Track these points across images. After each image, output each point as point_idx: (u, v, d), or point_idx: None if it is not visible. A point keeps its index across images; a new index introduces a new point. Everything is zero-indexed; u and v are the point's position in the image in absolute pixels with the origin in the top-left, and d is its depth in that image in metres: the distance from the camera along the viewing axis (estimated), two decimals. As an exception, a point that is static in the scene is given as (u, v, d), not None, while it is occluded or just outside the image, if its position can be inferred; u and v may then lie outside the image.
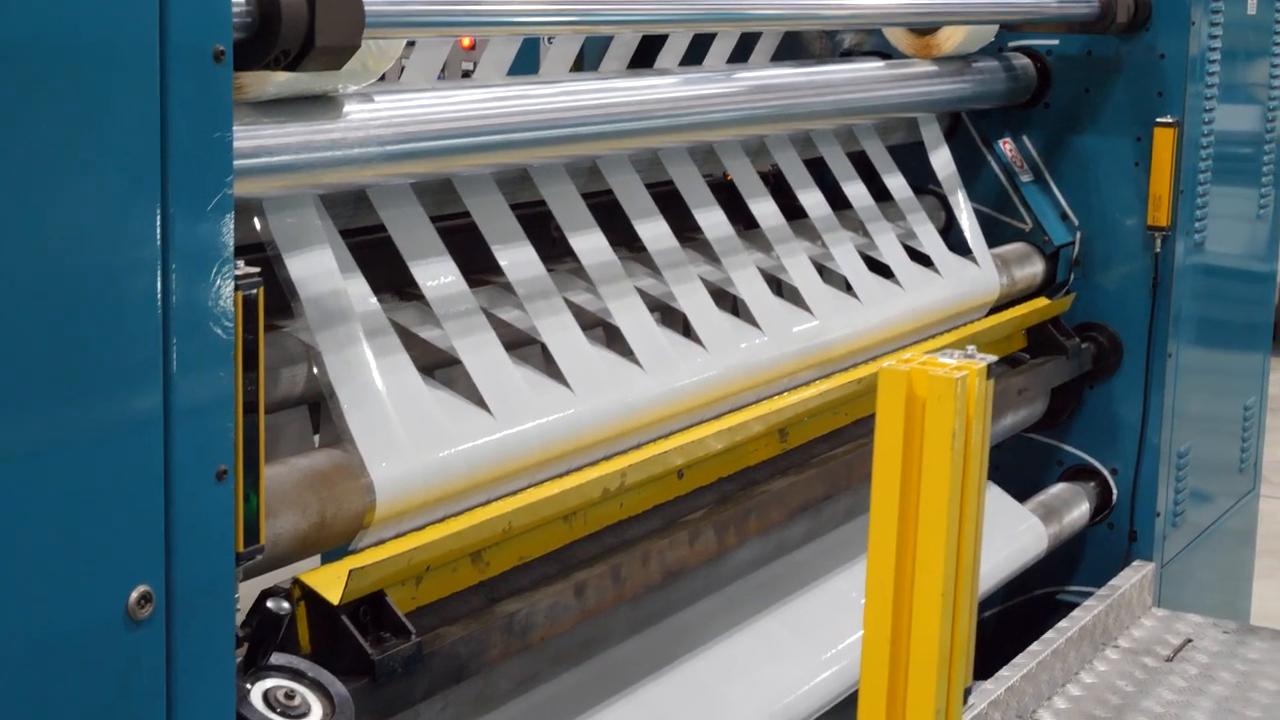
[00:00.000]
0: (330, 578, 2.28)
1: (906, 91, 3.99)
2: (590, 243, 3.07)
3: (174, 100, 1.69)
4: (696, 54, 3.65)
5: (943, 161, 4.24)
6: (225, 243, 1.76)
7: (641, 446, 2.95)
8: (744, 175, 3.59)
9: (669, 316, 3.34)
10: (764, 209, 3.59)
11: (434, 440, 2.52)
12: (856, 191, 3.90)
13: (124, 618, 1.69)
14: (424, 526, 2.51)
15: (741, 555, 3.27)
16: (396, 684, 2.32)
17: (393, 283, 2.85)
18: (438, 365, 2.78)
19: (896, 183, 4.06)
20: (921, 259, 4.01)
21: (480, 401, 2.66)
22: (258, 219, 2.43)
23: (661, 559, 2.89)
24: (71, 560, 1.63)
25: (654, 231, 3.24)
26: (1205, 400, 4.67)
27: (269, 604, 2.07)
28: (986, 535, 2.51)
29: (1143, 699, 3.74)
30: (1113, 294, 4.43)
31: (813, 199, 3.73)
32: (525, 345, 2.97)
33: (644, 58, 3.58)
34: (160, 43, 1.68)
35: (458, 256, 2.79)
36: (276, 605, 2.07)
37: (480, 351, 2.72)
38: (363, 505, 2.39)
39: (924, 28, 4.08)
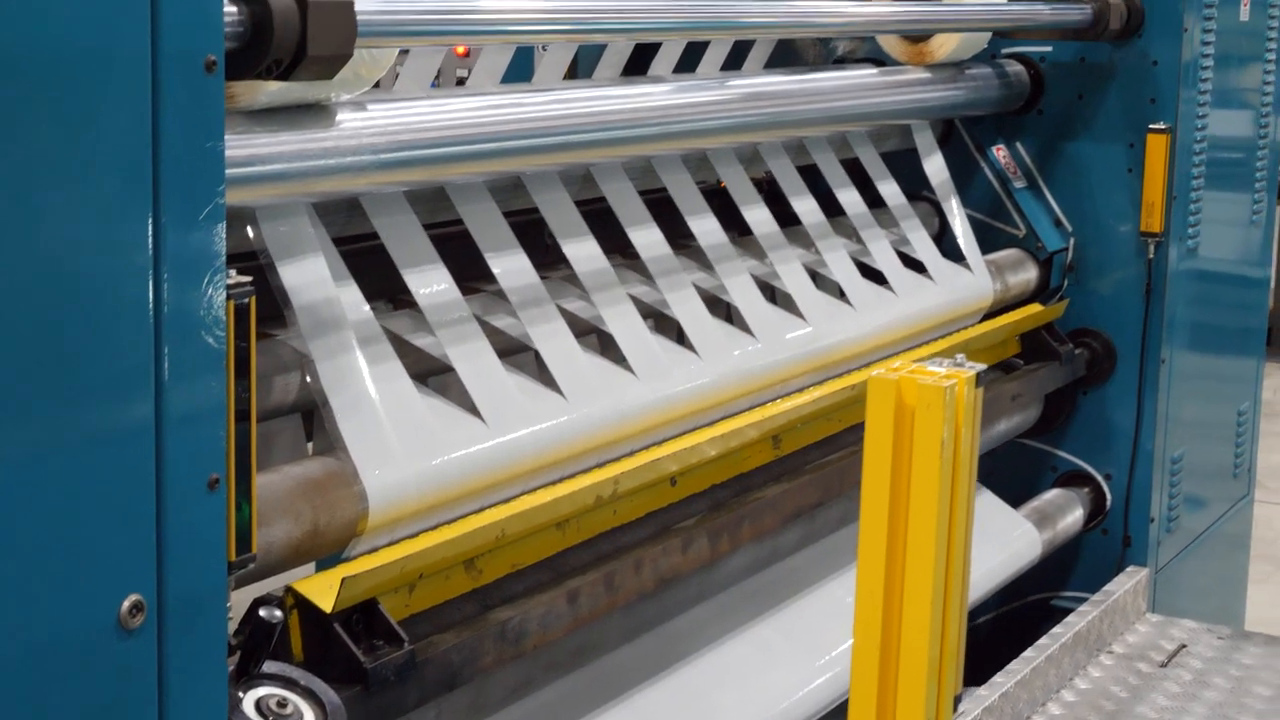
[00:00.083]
0: (323, 586, 2.28)
1: (900, 98, 4.00)
2: (583, 250, 3.08)
3: (166, 110, 1.69)
4: (690, 61, 3.66)
5: (936, 168, 4.25)
6: (217, 251, 1.77)
7: (634, 454, 2.95)
8: (737, 182, 3.59)
9: (662, 323, 3.34)
10: (757, 216, 3.59)
11: (427, 448, 2.52)
12: (850, 198, 3.90)
13: (116, 627, 1.69)
14: (417, 534, 2.51)
15: (735, 562, 3.28)
16: (389, 692, 2.32)
17: (386, 290, 2.86)
18: (431, 373, 2.79)
19: (890, 189, 4.06)
20: (915, 265, 4.01)
21: (473, 409, 2.66)
22: (251, 227, 2.44)
23: (655, 566, 2.89)
24: (63, 569, 1.63)
25: (647, 239, 3.24)
26: (1199, 405, 4.68)
27: (261, 612, 2.07)
28: (980, 541, 2.52)
29: (1137, 705, 3.74)
30: (1106, 300, 4.44)
31: (806, 206, 3.74)
32: (518, 353, 2.97)
33: (638, 64, 3.58)
34: (152, 53, 1.68)
35: (451, 264, 2.79)
36: (269, 613, 2.07)
37: (473, 359, 2.73)
38: (355, 513, 2.39)
39: (917, 35, 4.09)
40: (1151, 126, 4.26)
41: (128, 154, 1.66)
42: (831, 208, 3.84)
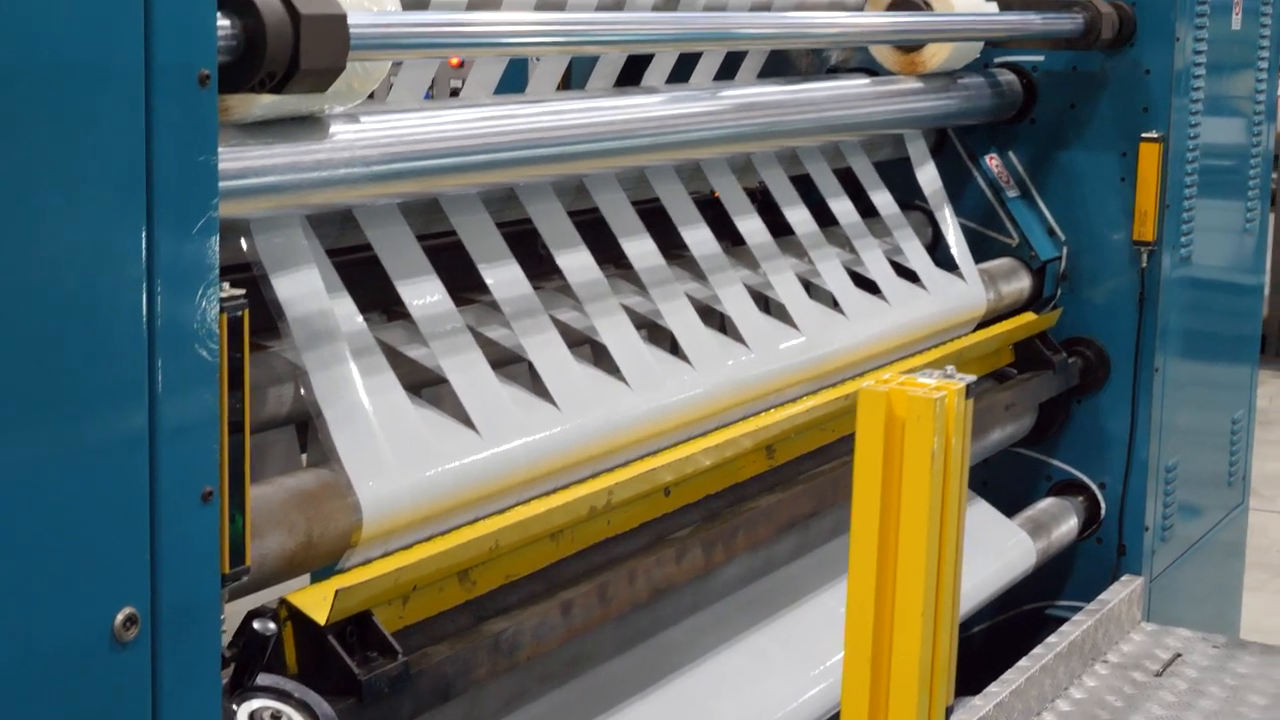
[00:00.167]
0: (316, 598, 2.28)
1: (892, 108, 4.01)
2: (577, 261, 3.08)
3: (159, 124, 1.70)
4: (683, 70, 3.66)
5: (929, 177, 4.25)
6: (211, 264, 1.77)
7: (628, 464, 2.95)
8: (730, 192, 3.60)
9: (656, 334, 3.35)
10: (750, 226, 3.60)
11: (421, 459, 2.53)
12: (843, 208, 3.91)
13: (110, 640, 1.69)
14: (411, 546, 2.52)
15: (729, 572, 3.28)
16: (383, 704, 2.32)
17: (379, 302, 2.86)
18: (424, 384, 2.79)
19: (883, 199, 4.07)
20: (908, 275, 4.02)
21: (467, 420, 2.67)
22: (244, 239, 2.44)
23: (649, 576, 2.89)
24: (56, 582, 1.64)
25: (640, 249, 3.24)
26: (1193, 414, 4.68)
27: (255, 625, 2.08)
28: (975, 550, 2.52)
29: (1132, 714, 3.75)
30: (1100, 308, 4.45)
31: (799, 216, 3.75)
32: (512, 363, 2.98)
33: (631, 74, 3.59)
34: (145, 67, 1.68)
35: (444, 275, 2.79)
36: (263, 626, 2.07)
37: (467, 370, 2.73)
38: (349, 525, 2.39)
39: (909, 45, 4.10)
40: (1144, 135, 4.27)
41: (121, 167, 1.67)
42: (824, 217, 3.85)
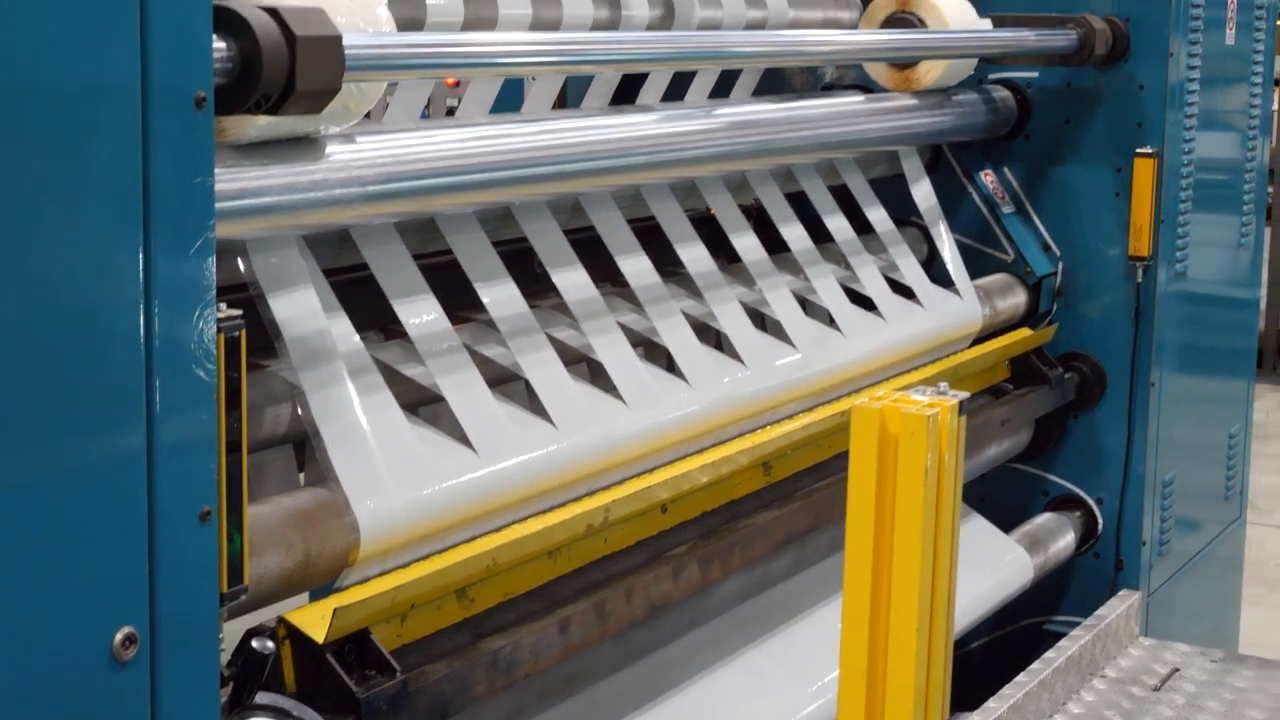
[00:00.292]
0: (315, 616, 2.28)
1: (887, 125, 4.02)
2: (572, 279, 3.09)
3: (156, 146, 1.71)
4: (678, 89, 3.68)
5: (924, 194, 4.26)
6: (207, 285, 1.78)
7: (625, 482, 2.96)
8: (726, 210, 3.61)
9: (652, 351, 3.35)
10: (746, 243, 3.61)
11: (418, 478, 2.53)
12: (838, 224, 3.92)
13: (109, 659, 1.69)
14: (408, 564, 2.52)
15: (726, 589, 3.28)
16: (382, 721, 2.33)
17: (376, 321, 2.87)
18: (421, 403, 2.80)
19: (878, 215, 4.08)
20: (904, 291, 4.02)
21: (464, 438, 2.67)
22: (241, 260, 2.45)
23: (645, 594, 2.90)
24: (55, 602, 1.64)
25: (636, 267, 3.25)
26: (1190, 428, 4.69)
27: (254, 643, 2.08)
28: (972, 566, 2.53)
29: (1129, 728, 3.75)
30: (1095, 324, 4.46)
31: (794, 232, 3.76)
32: (508, 382, 2.98)
33: (626, 93, 3.60)
34: (142, 89, 1.70)
35: (440, 294, 2.80)
36: (261, 644, 2.08)
37: (463, 389, 2.74)
38: (347, 543, 2.40)
39: (904, 62, 4.11)
40: (1138, 150, 4.28)
41: (119, 189, 1.68)
42: (820, 234, 3.86)
